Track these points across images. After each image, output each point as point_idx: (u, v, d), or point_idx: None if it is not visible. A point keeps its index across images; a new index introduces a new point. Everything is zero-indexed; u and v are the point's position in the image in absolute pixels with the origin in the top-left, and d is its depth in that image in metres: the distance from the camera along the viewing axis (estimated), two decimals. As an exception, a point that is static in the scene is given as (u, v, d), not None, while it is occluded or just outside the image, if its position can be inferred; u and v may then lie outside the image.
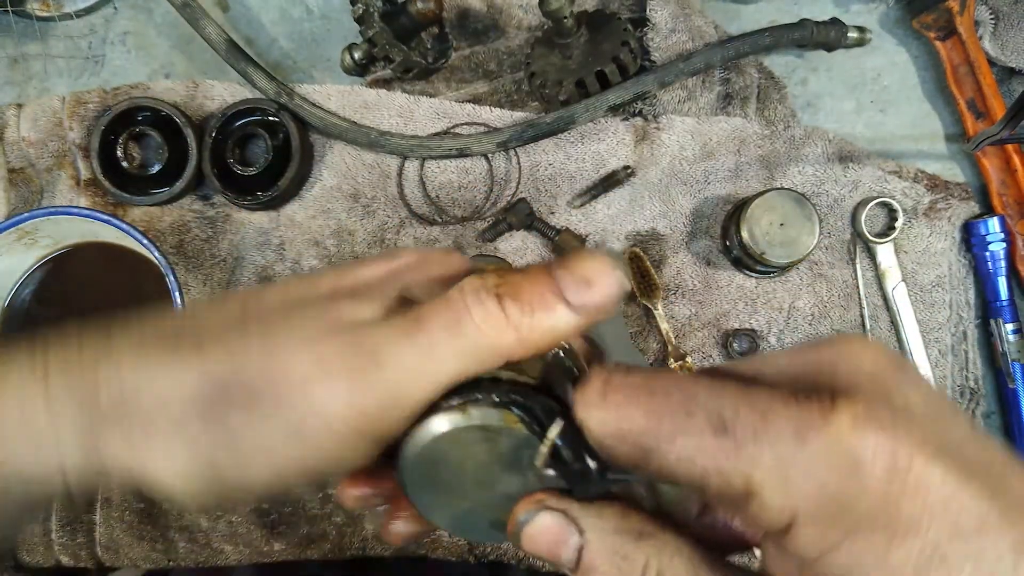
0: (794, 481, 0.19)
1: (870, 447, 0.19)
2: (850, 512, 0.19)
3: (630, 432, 0.21)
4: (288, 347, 0.23)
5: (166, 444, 0.23)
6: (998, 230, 0.59)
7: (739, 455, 0.20)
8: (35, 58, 0.65)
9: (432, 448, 0.24)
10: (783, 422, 0.19)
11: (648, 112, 0.61)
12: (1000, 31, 0.59)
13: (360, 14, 0.58)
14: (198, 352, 0.24)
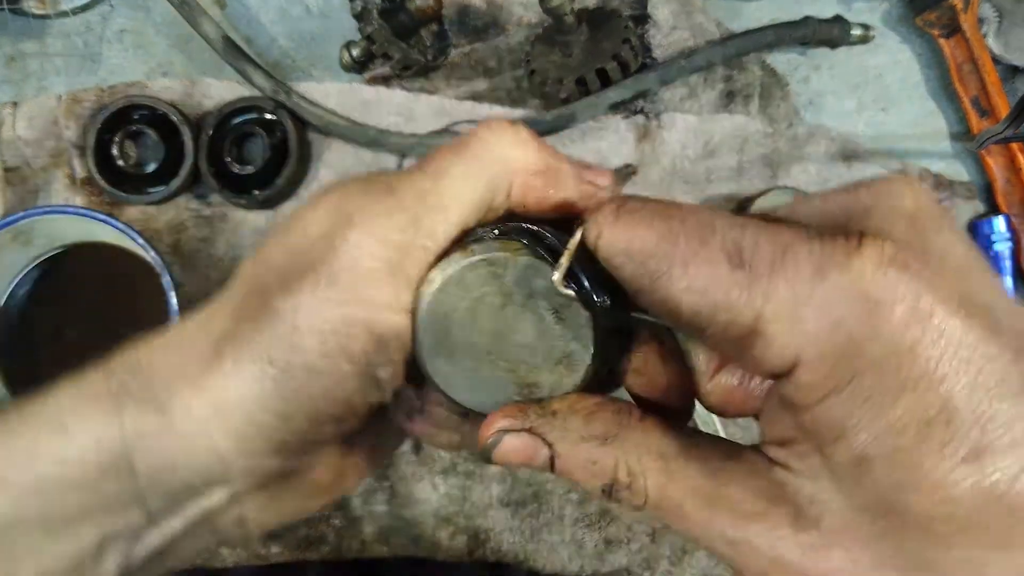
0: (806, 318, 0.18)
1: (892, 288, 0.18)
2: (859, 356, 0.18)
3: (641, 251, 0.20)
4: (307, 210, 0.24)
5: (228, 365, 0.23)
6: (1003, 229, 0.58)
7: (752, 288, 0.19)
8: (31, 56, 0.65)
9: (441, 299, 0.23)
10: (804, 257, 0.18)
11: (650, 110, 0.60)
12: (1004, 29, 0.59)
13: (359, 11, 0.57)
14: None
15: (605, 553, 0.59)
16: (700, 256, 0.19)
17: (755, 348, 0.19)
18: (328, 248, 0.22)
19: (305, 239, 0.23)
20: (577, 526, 0.59)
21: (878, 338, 0.18)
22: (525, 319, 0.24)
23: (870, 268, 0.18)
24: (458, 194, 0.24)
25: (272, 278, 0.23)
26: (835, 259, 0.18)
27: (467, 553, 0.60)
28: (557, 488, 0.60)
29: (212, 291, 0.24)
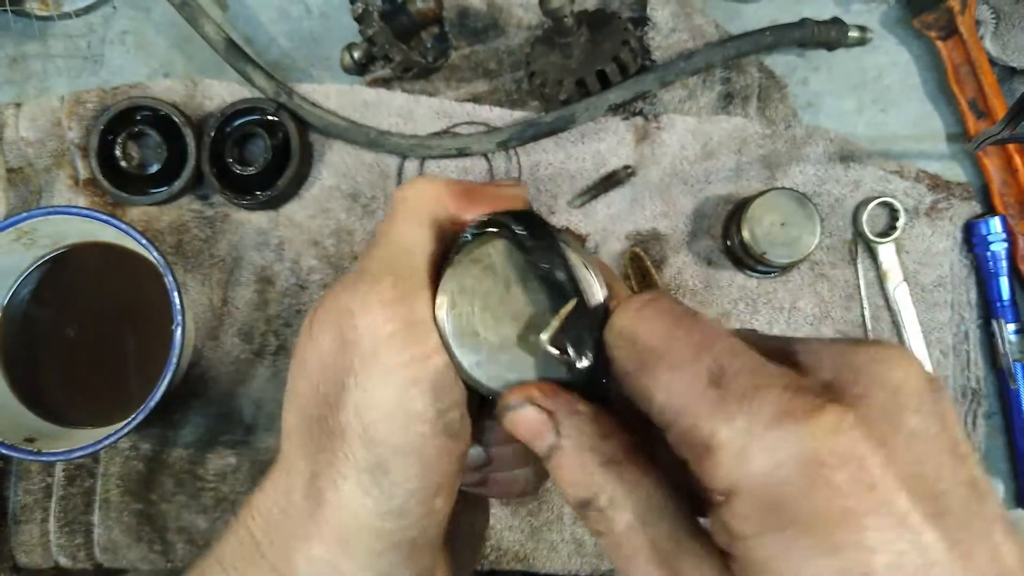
0: (751, 455, 0.19)
1: (840, 454, 0.18)
2: (791, 507, 0.19)
3: (643, 343, 0.22)
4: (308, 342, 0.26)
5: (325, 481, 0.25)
6: (999, 230, 0.58)
7: (717, 409, 0.20)
8: (34, 57, 0.65)
9: (455, 314, 0.25)
10: (771, 400, 0.19)
11: (649, 111, 0.61)
12: (1001, 30, 0.59)
13: (360, 13, 0.58)
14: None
15: (605, 553, 0.60)
16: (687, 366, 0.21)
17: (704, 463, 0.20)
18: (347, 349, 0.24)
19: (324, 358, 0.25)
20: (577, 525, 0.60)
21: (812, 496, 0.18)
22: (531, 288, 0.26)
23: (823, 431, 0.19)
24: (410, 234, 0.26)
25: (318, 409, 0.25)
26: (796, 413, 0.19)
27: (467, 552, 0.60)
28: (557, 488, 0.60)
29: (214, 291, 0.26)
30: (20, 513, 0.61)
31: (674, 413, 0.21)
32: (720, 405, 0.20)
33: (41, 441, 0.54)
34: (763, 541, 0.19)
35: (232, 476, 0.61)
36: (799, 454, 0.19)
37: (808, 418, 0.19)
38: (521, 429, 0.24)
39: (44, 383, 0.57)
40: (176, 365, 0.52)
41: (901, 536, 0.18)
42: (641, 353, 0.22)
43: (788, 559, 0.19)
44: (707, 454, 0.20)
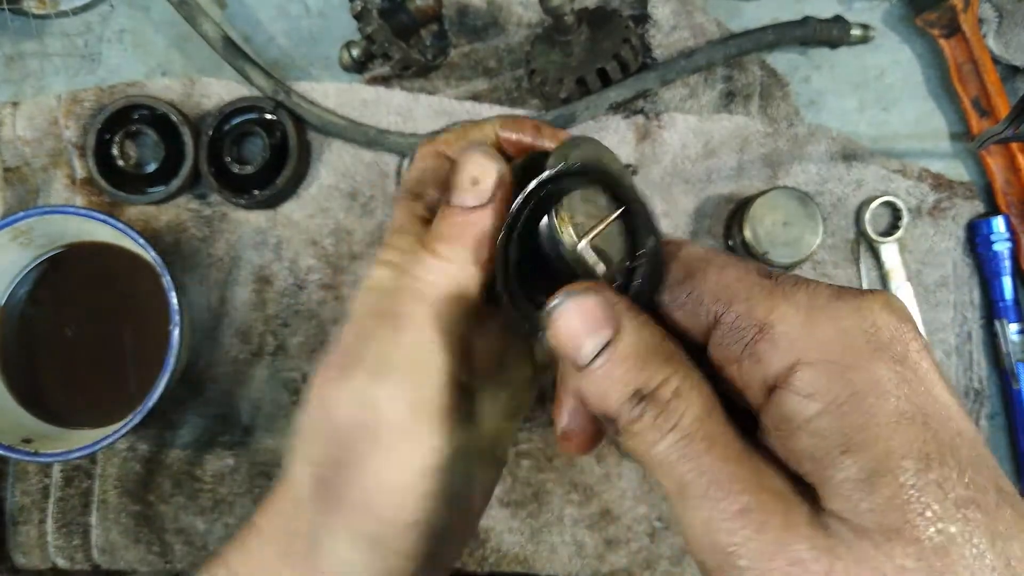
0: (817, 322, 0.20)
1: (893, 327, 0.20)
2: (861, 371, 0.19)
3: (687, 255, 0.24)
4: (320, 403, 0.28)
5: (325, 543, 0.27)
6: (1003, 230, 0.58)
7: (774, 291, 0.21)
8: (31, 56, 0.65)
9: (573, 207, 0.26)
10: (823, 287, 0.21)
11: (650, 110, 0.60)
12: (1004, 29, 0.59)
13: (359, 11, 0.57)
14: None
15: (605, 554, 0.59)
16: (734, 265, 0.23)
17: (759, 344, 0.21)
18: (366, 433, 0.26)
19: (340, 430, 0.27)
20: (577, 527, 0.59)
21: (875, 365, 0.19)
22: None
23: (878, 306, 0.20)
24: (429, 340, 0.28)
25: (329, 470, 0.27)
26: (849, 292, 0.21)
27: (467, 553, 0.60)
28: (557, 489, 0.60)
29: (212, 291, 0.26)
30: (18, 514, 0.61)
31: (728, 300, 0.22)
32: (777, 288, 0.21)
33: (38, 442, 0.53)
34: (839, 412, 0.19)
35: (230, 477, 0.60)
36: (864, 321, 0.20)
37: (863, 297, 0.21)
38: (574, 323, 0.23)
39: (41, 384, 0.57)
40: (174, 365, 0.51)
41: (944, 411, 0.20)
42: (688, 264, 0.23)
43: (868, 428, 0.19)
44: (763, 334, 0.21)
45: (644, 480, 0.60)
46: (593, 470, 0.60)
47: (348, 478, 0.26)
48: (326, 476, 0.27)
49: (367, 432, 0.26)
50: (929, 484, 0.18)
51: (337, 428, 0.27)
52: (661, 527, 0.60)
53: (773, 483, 0.20)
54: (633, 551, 0.59)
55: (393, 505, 0.26)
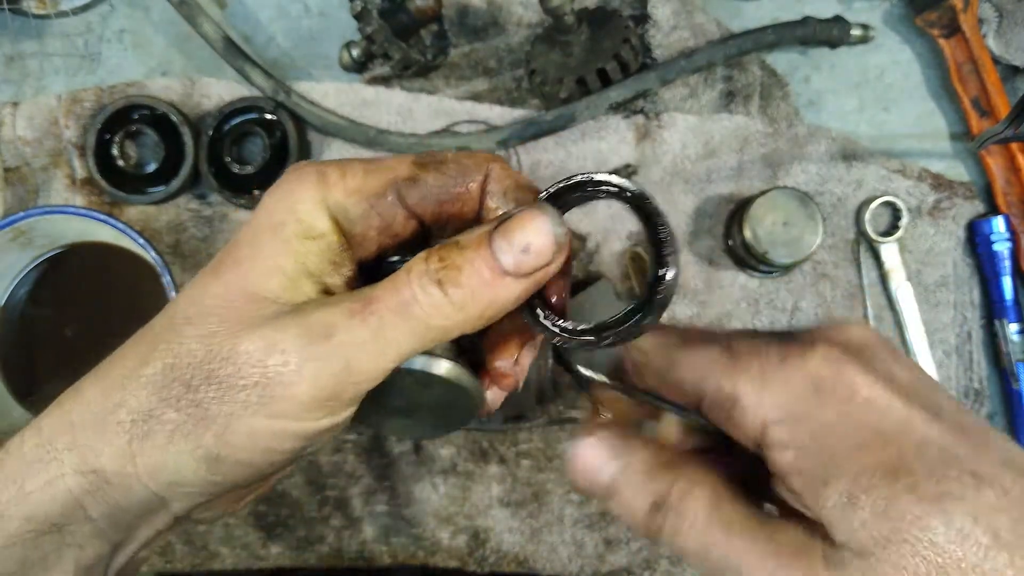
0: (770, 389, 0.24)
1: (833, 374, 0.24)
2: (813, 420, 0.23)
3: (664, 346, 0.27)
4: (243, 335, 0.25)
5: (161, 441, 0.25)
6: (1002, 229, 0.58)
7: (734, 366, 0.25)
8: (31, 56, 0.65)
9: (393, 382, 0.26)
10: (773, 350, 0.25)
11: (650, 110, 0.60)
12: (1004, 29, 0.59)
13: (359, 11, 0.57)
14: (153, 348, 0.26)
15: (605, 553, 0.59)
16: (701, 348, 0.26)
17: (734, 412, 0.25)
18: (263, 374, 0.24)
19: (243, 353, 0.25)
20: (577, 527, 0.59)
21: (824, 409, 0.23)
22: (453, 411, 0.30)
23: (817, 359, 0.24)
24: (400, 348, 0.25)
25: (198, 375, 0.25)
26: (792, 353, 0.24)
27: (467, 553, 0.60)
28: (557, 489, 0.60)
29: None
30: (17, 514, 0.61)
31: (701, 383, 0.25)
32: (735, 363, 0.25)
33: (38, 442, 0.53)
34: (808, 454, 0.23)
35: (230, 477, 0.60)
36: (805, 378, 0.24)
37: (804, 353, 0.24)
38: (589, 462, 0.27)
39: (41, 383, 0.57)
40: (174, 365, 0.51)
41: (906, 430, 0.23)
42: (668, 355, 0.26)
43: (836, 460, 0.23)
44: (735, 405, 0.24)
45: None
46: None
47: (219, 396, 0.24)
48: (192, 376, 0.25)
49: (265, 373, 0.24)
50: (899, 491, 0.21)
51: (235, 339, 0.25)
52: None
53: (789, 537, 0.24)
54: (633, 551, 0.59)
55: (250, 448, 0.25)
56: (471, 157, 0.29)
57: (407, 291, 0.24)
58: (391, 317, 0.24)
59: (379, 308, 0.24)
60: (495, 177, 0.28)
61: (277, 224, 0.26)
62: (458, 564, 0.60)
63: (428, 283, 0.24)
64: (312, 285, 0.26)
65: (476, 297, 0.25)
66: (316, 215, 0.26)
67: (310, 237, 0.26)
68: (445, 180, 0.28)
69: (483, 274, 0.25)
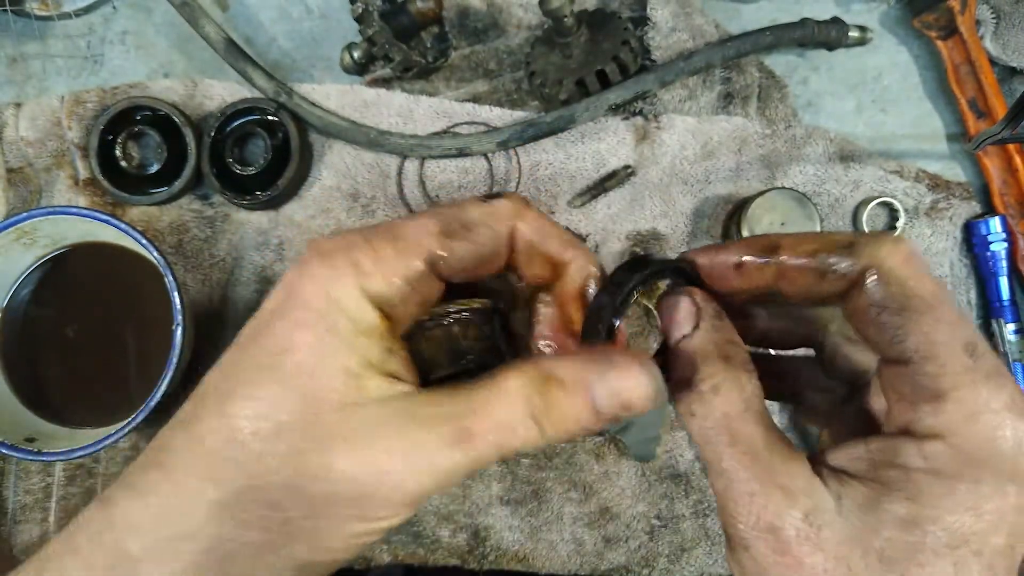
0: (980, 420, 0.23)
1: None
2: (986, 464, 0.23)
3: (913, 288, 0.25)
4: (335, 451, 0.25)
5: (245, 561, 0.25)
6: (999, 230, 0.58)
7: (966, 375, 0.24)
8: (34, 57, 0.65)
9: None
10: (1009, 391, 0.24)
11: (649, 111, 0.61)
12: (1001, 30, 0.59)
13: (360, 13, 0.58)
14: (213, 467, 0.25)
15: (604, 551, 0.60)
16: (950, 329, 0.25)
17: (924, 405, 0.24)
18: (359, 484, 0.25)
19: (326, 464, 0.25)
20: (577, 524, 0.60)
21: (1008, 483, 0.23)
22: None
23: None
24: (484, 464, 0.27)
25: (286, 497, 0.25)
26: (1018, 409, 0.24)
27: (467, 551, 0.60)
28: (557, 487, 0.60)
29: (214, 291, 0.26)
30: (20, 513, 0.61)
31: (923, 358, 0.24)
32: (970, 373, 0.24)
33: (41, 441, 0.54)
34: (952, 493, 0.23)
35: (232, 476, 0.61)
36: (1014, 436, 0.23)
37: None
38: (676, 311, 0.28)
39: (44, 383, 0.58)
40: (176, 365, 0.52)
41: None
42: (909, 297, 0.25)
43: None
44: (934, 400, 0.24)
45: (643, 478, 0.60)
46: (592, 468, 0.60)
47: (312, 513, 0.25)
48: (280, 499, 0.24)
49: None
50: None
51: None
52: (659, 525, 0.60)
53: (784, 480, 0.25)
54: (632, 549, 0.60)
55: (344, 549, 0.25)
56: (495, 215, 0.28)
57: (508, 430, 0.25)
58: (490, 450, 0.25)
59: (479, 443, 0.25)
60: (522, 233, 0.29)
61: (330, 324, 0.25)
62: (458, 562, 0.60)
63: (528, 418, 0.25)
64: (374, 376, 0.26)
65: (565, 433, 0.26)
66: (363, 309, 0.26)
67: (364, 334, 0.26)
68: (476, 248, 0.28)
69: (580, 416, 0.26)
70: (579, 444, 0.61)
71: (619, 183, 0.61)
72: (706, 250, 0.29)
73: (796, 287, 0.27)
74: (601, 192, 0.61)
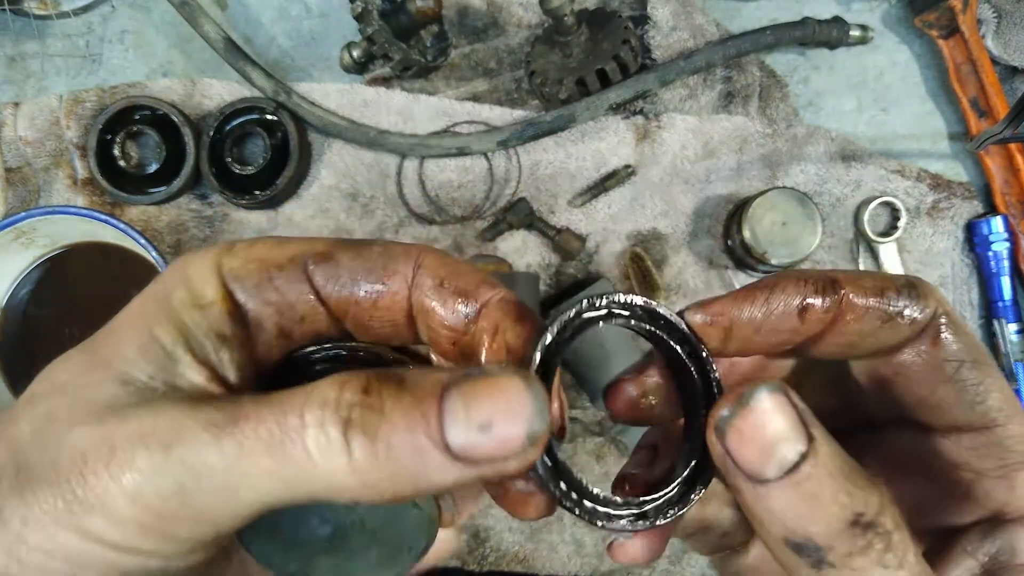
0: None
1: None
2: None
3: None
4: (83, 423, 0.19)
5: None
6: (1001, 230, 0.58)
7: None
8: (33, 57, 0.65)
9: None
10: None
11: (649, 110, 0.60)
12: (1003, 30, 0.59)
13: (359, 12, 0.58)
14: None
15: (604, 553, 0.59)
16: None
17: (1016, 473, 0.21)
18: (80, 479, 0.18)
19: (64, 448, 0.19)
20: (576, 526, 0.60)
21: None
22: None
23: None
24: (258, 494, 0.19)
25: (10, 464, 0.19)
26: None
27: (467, 552, 0.60)
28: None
29: None
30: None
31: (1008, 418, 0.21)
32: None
33: (40, 441, 0.54)
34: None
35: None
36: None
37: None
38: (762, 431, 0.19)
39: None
40: (175, 365, 0.52)
41: None
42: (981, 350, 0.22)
43: None
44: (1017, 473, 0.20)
45: (644, 479, 0.60)
46: (593, 469, 0.60)
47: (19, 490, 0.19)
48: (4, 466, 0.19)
49: None
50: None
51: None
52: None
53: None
54: (633, 550, 0.60)
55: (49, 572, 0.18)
56: (400, 245, 0.22)
57: (294, 420, 0.17)
58: (258, 449, 0.17)
59: (247, 432, 0.18)
60: (427, 267, 0.22)
61: (164, 291, 0.21)
62: (458, 563, 0.60)
63: (330, 420, 0.17)
64: (195, 367, 0.20)
65: (391, 466, 0.17)
66: (206, 281, 0.21)
67: (197, 306, 0.21)
68: (363, 265, 0.22)
69: (416, 439, 0.17)
70: (579, 444, 0.60)
71: (619, 182, 0.60)
72: (734, 299, 0.21)
73: (846, 337, 0.21)
74: (601, 191, 0.60)
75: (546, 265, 0.61)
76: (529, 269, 0.61)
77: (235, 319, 0.21)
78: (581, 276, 0.61)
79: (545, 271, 0.61)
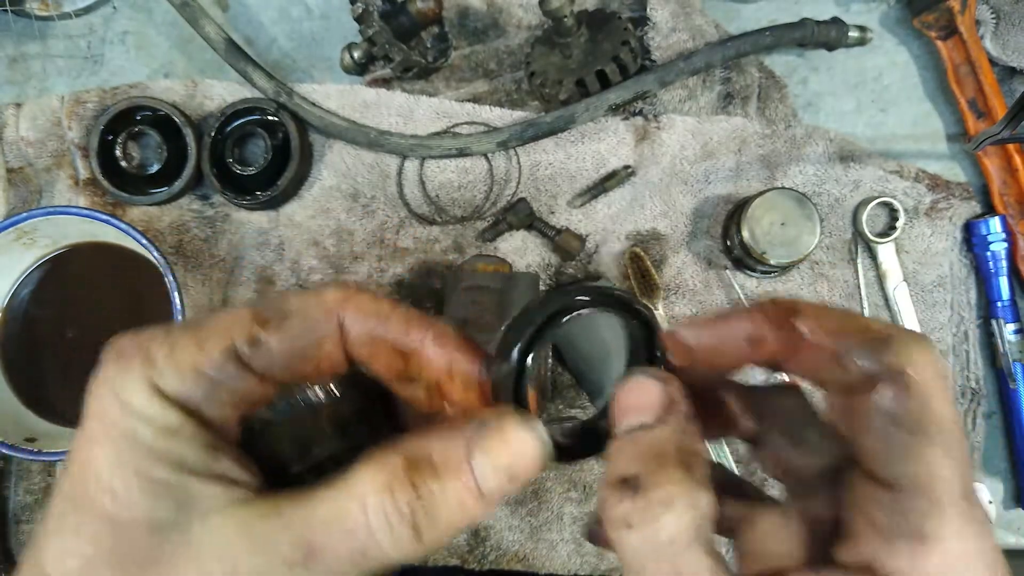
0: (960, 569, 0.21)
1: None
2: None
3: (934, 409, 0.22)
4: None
5: None
6: (999, 230, 0.58)
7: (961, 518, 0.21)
8: (34, 57, 0.65)
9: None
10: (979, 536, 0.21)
11: (649, 111, 0.61)
12: (1001, 30, 0.59)
13: (360, 13, 0.58)
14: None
15: (604, 552, 0.60)
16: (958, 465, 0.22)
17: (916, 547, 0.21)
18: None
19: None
20: (576, 525, 0.60)
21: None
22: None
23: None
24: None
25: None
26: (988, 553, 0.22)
27: (467, 551, 0.60)
28: (556, 487, 0.60)
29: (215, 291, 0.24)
30: (20, 513, 0.61)
31: (918, 490, 0.21)
32: (965, 523, 0.21)
33: (42, 441, 0.54)
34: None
35: (232, 476, 0.61)
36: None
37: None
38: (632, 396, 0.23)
39: (45, 383, 0.58)
40: (176, 365, 0.52)
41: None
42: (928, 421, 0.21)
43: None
44: (917, 542, 0.21)
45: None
46: (592, 468, 0.60)
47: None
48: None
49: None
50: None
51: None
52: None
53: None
54: (632, 549, 0.60)
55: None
56: (318, 300, 0.23)
57: (364, 535, 0.20)
58: (344, 565, 0.20)
59: (326, 559, 0.20)
60: (353, 320, 0.23)
61: (125, 430, 0.21)
62: (458, 562, 0.60)
63: (400, 524, 0.20)
64: (198, 482, 0.21)
65: (449, 531, 0.21)
66: (159, 410, 0.21)
67: (169, 436, 0.21)
68: (289, 339, 0.23)
69: (465, 504, 0.21)
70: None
71: (619, 183, 0.61)
72: (697, 324, 0.24)
73: (804, 366, 0.23)
74: (601, 192, 0.61)
75: (546, 265, 0.61)
76: (529, 269, 0.61)
77: (206, 425, 0.22)
78: (581, 276, 0.61)
79: (545, 271, 0.61)
